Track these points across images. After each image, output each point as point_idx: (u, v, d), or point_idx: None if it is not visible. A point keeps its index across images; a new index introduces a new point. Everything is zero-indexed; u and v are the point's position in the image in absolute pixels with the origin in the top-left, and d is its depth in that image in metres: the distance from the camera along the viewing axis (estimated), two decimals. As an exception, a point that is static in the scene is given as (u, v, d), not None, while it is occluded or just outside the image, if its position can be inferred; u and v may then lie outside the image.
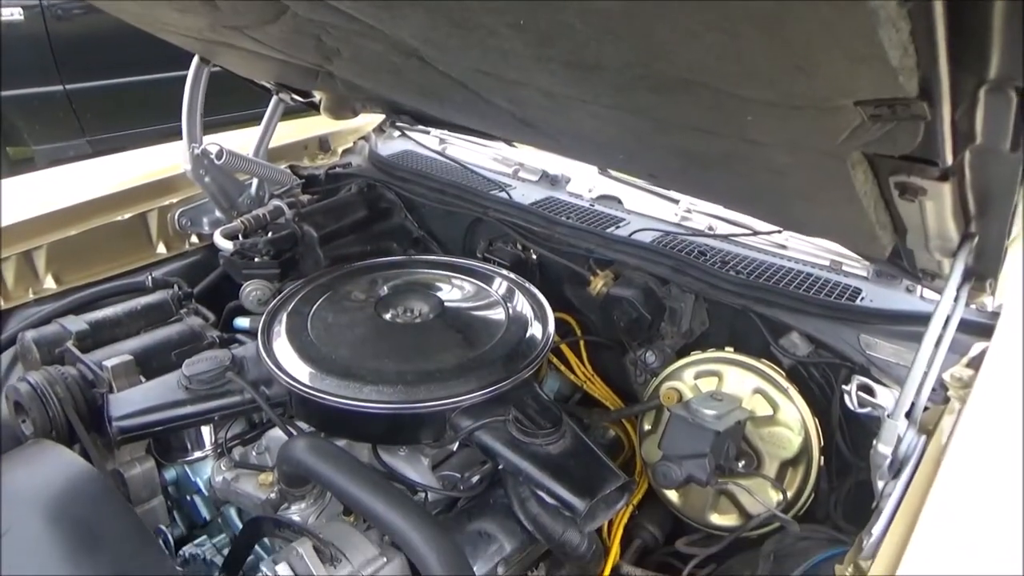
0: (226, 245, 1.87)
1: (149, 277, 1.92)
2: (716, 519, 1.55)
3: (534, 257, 1.95)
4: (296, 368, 1.41)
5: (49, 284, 1.88)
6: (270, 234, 1.99)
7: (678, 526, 1.68)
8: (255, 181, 2.22)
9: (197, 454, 1.61)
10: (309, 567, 1.14)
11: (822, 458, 1.48)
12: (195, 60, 1.97)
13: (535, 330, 1.57)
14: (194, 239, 2.18)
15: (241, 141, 2.20)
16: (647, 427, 1.64)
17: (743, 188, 1.10)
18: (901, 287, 1.72)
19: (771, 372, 1.51)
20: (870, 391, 1.24)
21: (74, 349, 1.61)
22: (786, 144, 0.83)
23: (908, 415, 1.23)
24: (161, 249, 2.11)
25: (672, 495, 1.60)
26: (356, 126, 2.59)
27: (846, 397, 1.23)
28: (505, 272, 1.82)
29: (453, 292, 1.72)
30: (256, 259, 1.95)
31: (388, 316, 1.60)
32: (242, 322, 1.84)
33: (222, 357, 1.44)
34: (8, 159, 4.44)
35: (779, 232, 1.71)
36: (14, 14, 4.16)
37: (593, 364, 1.86)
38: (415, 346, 1.51)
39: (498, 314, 1.62)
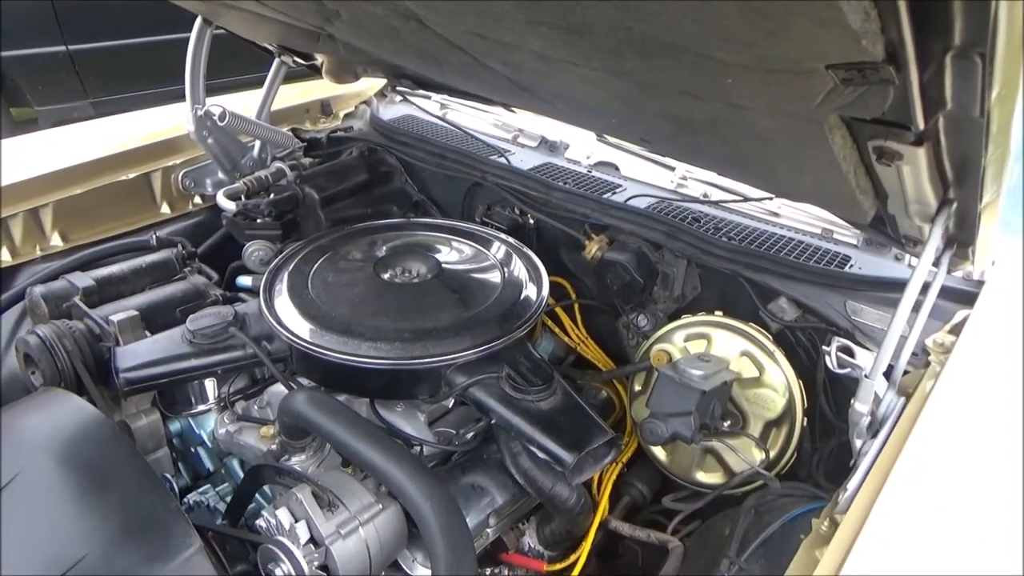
0: (229, 205, 1.91)
1: (154, 236, 1.96)
2: (702, 477, 1.61)
3: (531, 222, 1.98)
4: (297, 325, 1.46)
5: (56, 241, 1.92)
6: (272, 195, 2.02)
7: (666, 485, 1.74)
8: (257, 143, 2.25)
9: (201, 407, 1.66)
10: (308, 511, 1.19)
11: (805, 419, 1.53)
12: (198, 21, 1.99)
13: (530, 292, 1.61)
14: (197, 200, 2.22)
15: (243, 104, 2.23)
16: (637, 388, 1.69)
17: (731, 153, 1.12)
18: (890, 255, 1.75)
19: (758, 335, 1.55)
20: (850, 352, 1.28)
21: (81, 304, 1.65)
22: (767, 108, 0.86)
23: (888, 376, 1.27)
24: (165, 209, 2.14)
25: (660, 453, 1.65)
26: (358, 90, 2.61)
27: (826, 358, 1.27)
28: (502, 236, 1.85)
29: (451, 254, 1.75)
30: (258, 220, 1.99)
31: (386, 276, 1.64)
32: (244, 281, 1.88)
33: (225, 313, 1.48)
34: (11, 120, 4.45)
35: (770, 199, 1.73)
36: (17, -27, 4.16)
37: (587, 327, 1.90)
38: (412, 305, 1.55)
39: (494, 276, 1.65)
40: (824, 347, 1.26)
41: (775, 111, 0.86)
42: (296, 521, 1.19)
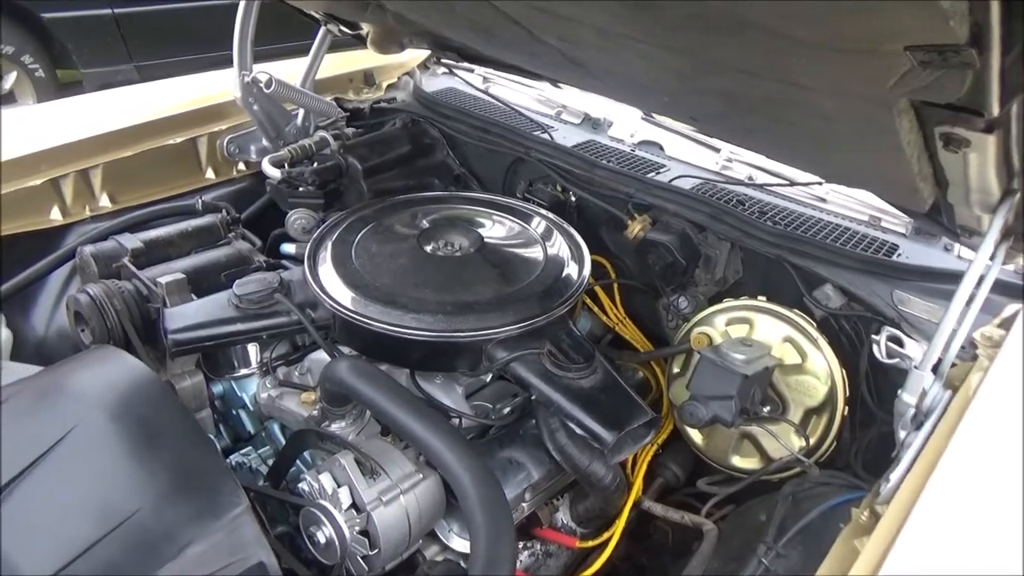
0: (274, 173, 1.92)
1: (199, 200, 1.98)
2: (738, 461, 1.60)
3: (573, 199, 1.97)
4: (341, 294, 1.47)
5: (104, 203, 1.96)
6: (315, 164, 2.03)
7: (699, 468, 1.74)
8: (301, 111, 2.25)
9: (243, 371, 1.69)
10: (350, 477, 1.21)
11: (846, 408, 1.51)
12: (247, -14, 2.00)
13: (571, 270, 1.61)
14: (241, 166, 2.24)
15: (288, 71, 2.23)
16: (676, 370, 1.68)
17: (784, 134, 1.10)
18: (939, 245, 1.72)
19: (802, 322, 1.54)
20: (899, 342, 1.26)
21: (130, 265, 1.69)
22: (832, 88, 0.84)
23: (935, 369, 1.25)
24: (210, 174, 2.17)
25: (696, 436, 1.65)
26: (401, 61, 2.60)
27: (875, 347, 1.26)
28: (544, 212, 1.85)
29: (493, 229, 1.75)
30: (301, 188, 2.00)
31: (429, 248, 1.64)
32: (288, 248, 1.90)
33: (271, 279, 1.50)
34: (57, 81, 4.52)
35: (819, 183, 1.70)
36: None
37: (625, 307, 1.90)
38: (455, 278, 1.56)
39: (536, 252, 1.65)
40: (874, 336, 1.24)
41: (841, 92, 0.84)
42: (339, 486, 1.22)
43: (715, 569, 1.32)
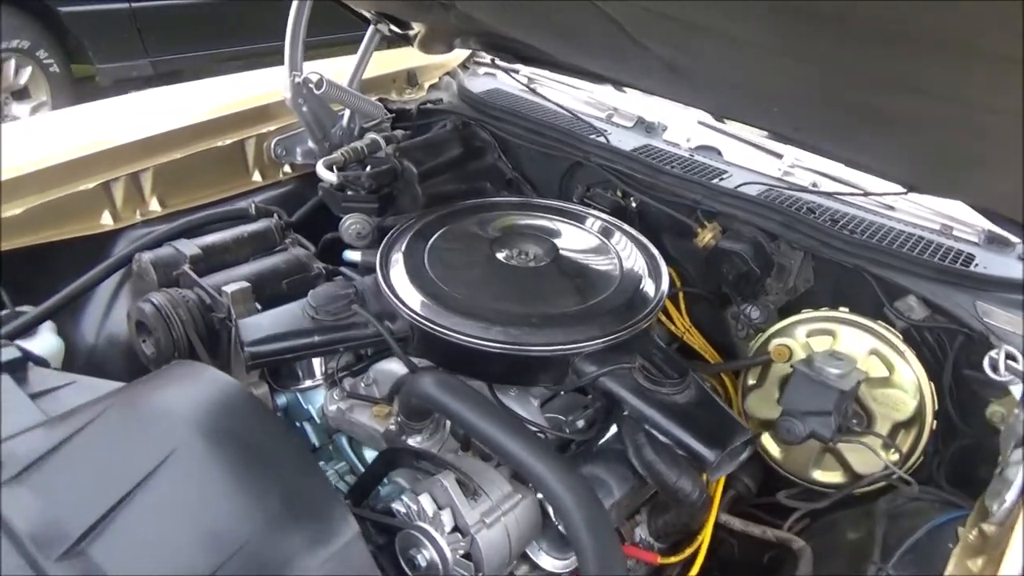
0: (329, 176, 1.87)
1: (252, 205, 1.93)
2: (820, 476, 1.58)
3: (633, 204, 1.94)
4: (420, 304, 1.43)
5: (154, 207, 1.90)
6: (368, 167, 1.98)
7: (769, 479, 1.71)
8: (347, 112, 2.20)
9: (308, 383, 1.65)
10: (453, 499, 1.17)
11: (934, 422, 1.49)
12: (300, -16, 1.94)
13: (649, 280, 1.57)
14: (287, 168, 2.19)
15: (330, 70, 2.17)
16: (751, 381, 1.66)
17: (917, 151, 1.07)
18: (1014, 255, 1.69)
19: (887, 334, 1.51)
20: (1014, 358, 1.23)
21: (191, 273, 1.64)
22: (1007, 107, 0.80)
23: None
24: (256, 177, 2.11)
25: (774, 449, 1.62)
26: (442, 61, 2.55)
27: (986, 362, 1.22)
28: (612, 219, 1.80)
29: (565, 236, 1.71)
30: (350, 192, 1.95)
31: (502, 257, 1.60)
32: (352, 255, 1.85)
33: (348, 290, 1.45)
34: (72, 76, 4.43)
35: (901, 193, 1.67)
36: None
37: (688, 315, 1.87)
38: (534, 289, 1.52)
39: (611, 262, 1.61)
40: (992, 354, 1.21)
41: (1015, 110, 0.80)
42: (440, 508, 1.18)
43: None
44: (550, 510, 1.29)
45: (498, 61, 2.41)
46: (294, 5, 1.95)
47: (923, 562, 1.22)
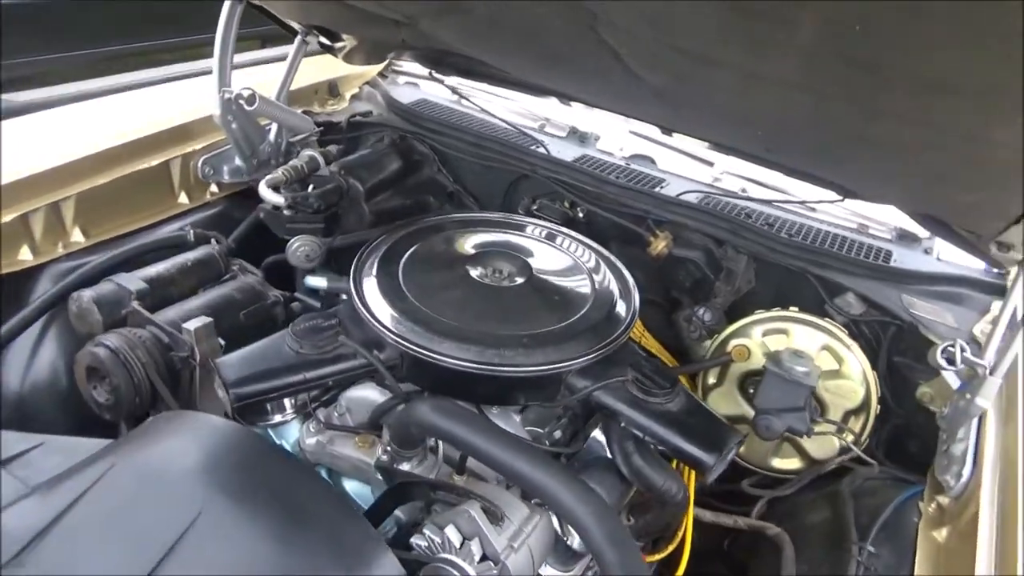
0: (275, 198, 1.79)
1: (190, 231, 1.81)
2: (779, 463, 1.70)
3: (580, 215, 1.99)
4: (410, 331, 1.41)
5: (77, 237, 1.75)
6: (312, 186, 1.91)
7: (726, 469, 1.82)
8: (274, 127, 2.11)
9: (278, 417, 1.57)
10: (480, 528, 1.17)
11: (878, 407, 1.65)
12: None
13: (621, 292, 1.62)
14: (213, 188, 2.07)
15: (247, 82, 2.06)
16: (711, 381, 1.76)
17: (893, 169, 1.18)
18: (920, 249, 1.90)
19: (835, 330, 1.65)
20: (964, 350, 1.38)
21: (142, 310, 1.53)
22: (979, 134, 0.91)
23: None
24: (183, 199, 1.99)
25: (736, 443, 1.72)
26: (362, 71, 2.50)
27: (938, 355, 1.36)
28: (564, 230, 1.84)
29: (533, 250, 1.72)
30: (297, 213, 1.88)
31: (477, 276, 1.60)
32: (316, 281, 1.77)
33: (331, 320, 1.41)
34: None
35: (840, 200, 1.82)
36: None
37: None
38: (516, 308, 1.53)
39: (582, 276, 1.65)
40: (948, 346, 1.34)
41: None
42: (467, 538, 1.17)
43: (809, 572, 1.39)
44: (555, 524, 1.33)
45: (436, 75, 2.38)
46: (222, 19, 1.85)
47: (894, 537, 1.35)
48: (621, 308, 1.56)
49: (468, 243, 1.71)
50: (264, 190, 1.81)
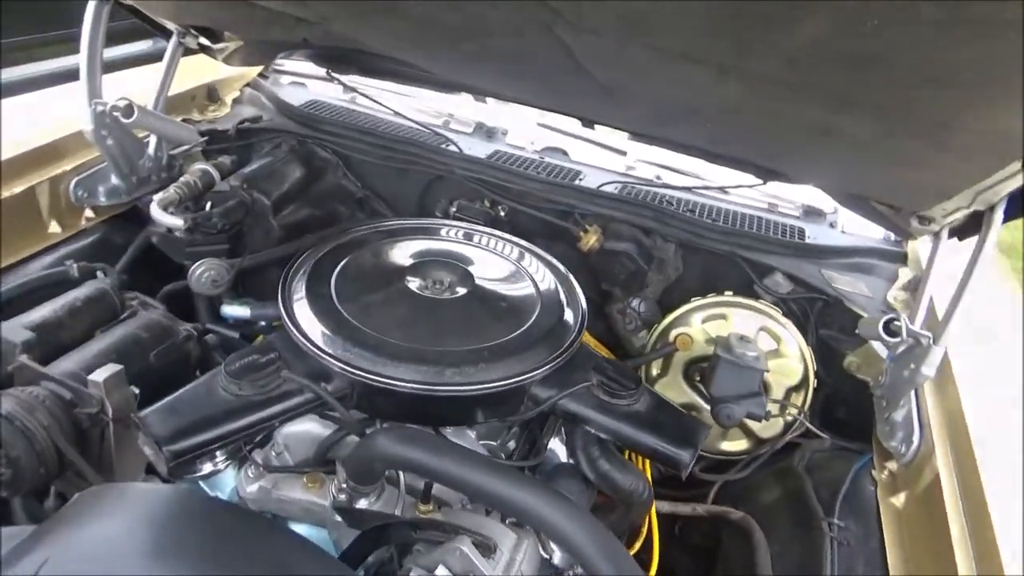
0: (173, 221, 1.59)
1: (73, 265, 1.58)
2: (727, 446, 1.73)
3: (502, 214, 1.93)
4: (359, 358, 1.29)
5: (-68, 284, 1.48)
6: (210, 204, 1.73)
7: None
8: (153, 139, 1.89)
9: (208, 468, 1.41)
10: (474, 563, 1.09)
11: (815, 380, 1.70)
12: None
13: (565, 293, 1.58)
14: (89, 213, 1.82)
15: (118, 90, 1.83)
16: (655, 372, 1.75)
17: (847, 160, 1.20)
18: (826, 223, 1.98)
19: (771, 311, 1.69)
20: (902, 323, 1.44)
21: (32, 364, 1.31)
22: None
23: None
24: (54, 228, 1.73)
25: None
26: (241, 72, 2.29)
27: (880, 328, 1.42)
28: (494, 231, 1.78)
29: (468, 256, 1.64)
30: (196, 235, 1.70)
31: (416, 288, 1.50)
32: (236, 311, 1.59)
33: (270, 354, 1.27)
34: None
35: (762, 184, 1.85)
36: None
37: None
38: (466, 321, 1.44)
39: (524, 280, 1.59)
40: (895, 321, 1.39)
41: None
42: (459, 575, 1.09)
43: (781, 552, 1.41)
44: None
45: (335, 75, 2.22)
46: (87, 21, 1.62)
47: (856, 509, 1.40)
48: (569, 309, 1.52)
49: (400, 253, 1.60)
50: (158, 212, 1.61)
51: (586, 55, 1.12)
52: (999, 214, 1.28)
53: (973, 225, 1.33)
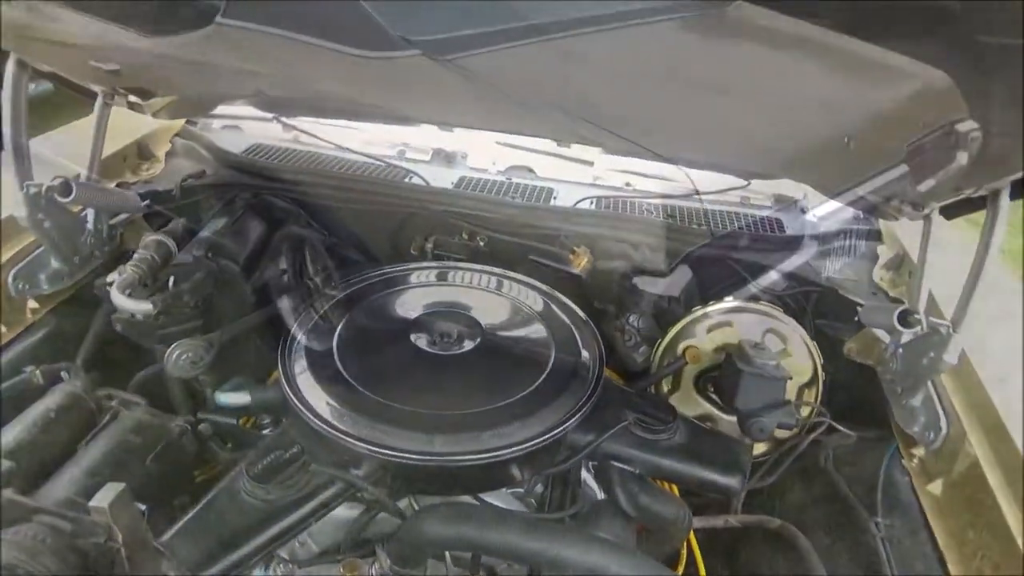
0: (141, 307, 1.44)
1: (35, 372, 1.42)
2: (745, 451, 1.71)
3: (482, 244, 1.85)
4: (388, 436, 1.20)
5: None
6: (172, 279, 1.58)
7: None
8: (91, 213, 1.72)
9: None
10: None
11: (824, 374, 1.71)
12: (10, 65, 1.44)
13: (577, 329, 1.52)
14: (32, 304, 1.64)
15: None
16: (667, 388, 1.72)
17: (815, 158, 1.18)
18: (798, 210, 2.00)
19: (774, 312, 1.68)
20: (920, 314, 1.44)
21: (19, 498, 1.15)
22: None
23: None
24: (-1, 329, 1.55)
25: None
26: (167, 124, 2.11)
27: (895, 321, 1.42)
28: (484, 267, 1.70)
29: (465, 301, 1.56)
30: (164, 316, 1.55)
31: (424, 345, 1.41)
32: (233, 398, 1.44)
33: (292, 449, 1.16)
34: None
35: (745, 186, 1.84)
36: None
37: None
38: (487, 377, 1.36)
39: (530, 317, 1.52)
40: (914, 314, 1.39)
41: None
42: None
43: (824, 558, 1.39)
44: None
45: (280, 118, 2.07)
46: (6, 92, 1.45)
47: (895, 502, 1.40)
48: (585, 343, 1.46)
49: (398, 308, 1.51)
50: (121, 299, 1.45)
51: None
52: (1005, 199, 1.30)
53: (965, 204, 1.35)
